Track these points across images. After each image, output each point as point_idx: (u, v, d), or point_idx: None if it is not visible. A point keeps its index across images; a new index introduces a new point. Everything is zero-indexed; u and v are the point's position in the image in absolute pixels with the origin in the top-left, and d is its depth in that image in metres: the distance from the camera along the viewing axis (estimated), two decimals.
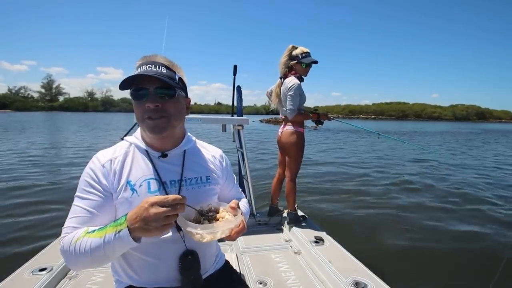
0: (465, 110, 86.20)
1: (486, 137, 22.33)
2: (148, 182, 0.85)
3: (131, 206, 0.80)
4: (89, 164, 0.85)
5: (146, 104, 0.79)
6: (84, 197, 0.80)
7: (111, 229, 0.70)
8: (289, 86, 2.29)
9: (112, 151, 0.88)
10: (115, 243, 0.69)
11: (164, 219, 0.66)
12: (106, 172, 0.83)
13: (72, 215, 0.79)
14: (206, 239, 0.75)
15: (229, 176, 1.06)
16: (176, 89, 0.83)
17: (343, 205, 4.38)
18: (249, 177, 2.45)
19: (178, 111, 0.86)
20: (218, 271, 1.02)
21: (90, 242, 0.71)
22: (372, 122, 53.84)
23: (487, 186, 5.83)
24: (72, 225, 0.78)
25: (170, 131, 0.85)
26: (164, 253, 0.86)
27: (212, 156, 1.02)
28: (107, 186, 0.82)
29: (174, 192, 0.86)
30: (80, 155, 8.41)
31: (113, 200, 0.82)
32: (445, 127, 40.22)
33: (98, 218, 0.80)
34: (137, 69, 0.81)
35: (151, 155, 0.89)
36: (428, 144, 15.02)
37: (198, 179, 0.93)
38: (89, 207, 0.79)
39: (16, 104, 74.57)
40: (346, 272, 1.66)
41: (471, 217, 4.01)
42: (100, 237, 0.70)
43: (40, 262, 1.67)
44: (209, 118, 2.33)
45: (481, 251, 3.01)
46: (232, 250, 2.04)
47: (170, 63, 0.86)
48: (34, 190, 4.71)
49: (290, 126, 2.38)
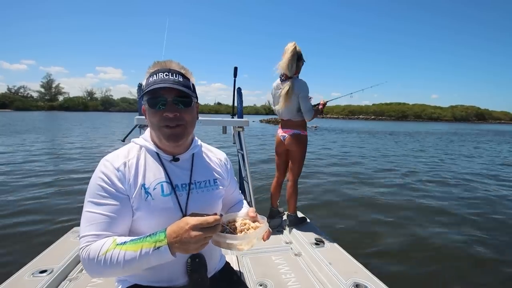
0: (464, 111, 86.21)
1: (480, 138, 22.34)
2: (161, 185, 0.85)
3: (146, 209, 0.82)
4: (99, 168, 0.83)
5: (165, 113, 0.80)
6: (100, 203, 0.78)
7: (149, 243, 0.70)
8: (302, 87, 2.23)
9: (124, 154, 0.87)
10: (152, 258, 0.70)
11: (204, 239, 0.69)
12: (121, 176, 0.82)
13: (90, 222, 0.77)
14: (245, 247, 0.78)
15: (232, 178, 1.09)
16: (192, 97, 0.84)
17: (343, 207, 4.38)
18: (250, 179, 2.45)
19: (193, 119, 0.88)
20: (219, 272, 1.03)
21: (123, 254, 0.71)
22: (372, 123, 53.83)
23: (487, 187, 5.85)
24: (93, 233, 0.76)
25: (186, 138, 0.87)
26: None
27: (218, 159, 1.04)
28: (123, 189, 0.81)
29: (185, 196, 0.88)
30: (83, 155, 8.40)
31: (130, 203, 0.82)
32: (444, 127, 40.26)
33: (118, 222, 0.79)
34: (152, 76, 0.81)
35: (162, 158, 0.89)
36: (423, 144, 15.04)
37: (207, 182, 0.95)
38: (108, 212, 0.78)
39: (16, 103, 74.41)
40: (346, 274, 1.66)
41: (471, 217, 4.02)
42: (135, 251, 0.70)
43: (41, 264, 1.67)
44: (209, 120, 2.33)
45: (481, 251, 3.01)
46: (232, 252, 2.04)
47: (184, 69, 0.87)
48: (34, 191, 4.70)
49: (297, 130, 2.32)
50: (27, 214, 3.68)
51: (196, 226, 0.67)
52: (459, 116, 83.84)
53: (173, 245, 0.69)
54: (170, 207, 0.85)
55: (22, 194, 4.52)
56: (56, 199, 4.29)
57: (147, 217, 0.81)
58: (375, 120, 74.23)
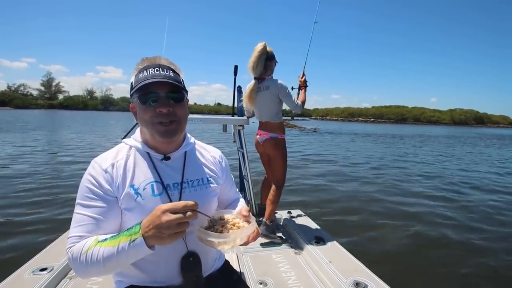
0: (463, 114, 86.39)
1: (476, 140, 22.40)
2: (151, 185, 0.84)
3: (137, 210, 0.80)
4: (88, 170, 0.82)
5: (158, 108, 0.79)
6: (87, 204, 0.78)
7: (125, 238, 0.70)
8: (280, 86, 2.15)
9: (113, 155, 0.86)
10: (130, 252, 0.69)
11: (176, 226, 0.66)
12: (109, 177, 0.81)
13: (77, 224, 0.77)
14: (226, 247, 0.77)
15: (228, 176, 1.06)
16: (184, 92, 0.84)
17: (343, 205, 4.39)
18: (250, 177, 2.45)
19: (185, 114, 0.87)
20: (218, 271, 1.02)
21: (103, 251, 0.70)
22: (371, 125, 53.94)
23: (487, 187, 5.87)
24: (79, 234, 0.76)
25: (180, 134, 0.86)
26: (166, 254, 0.85)
27: (212, 156, 1.02)
28: (111, 191, 0.80)
29: (177, 195, 0.87)
30: (84, 154, 8.39)
31: (118, 205, 0.81)
32: (443, 131, 40.37)
33: (105, 224, 0.78)
34: (141, 72, 0.80)
35: (152, 157, 0.88)
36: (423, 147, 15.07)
37: (200, 181, 0.93)
38: (94, 214, 0.78)
39: (16, 101, 74.11)
40: (346, 272, 1.66)
41: (471, 220, 4.03)
42: (113, 246, 0.70)
43: (41, 262, 1.66)
44: (210, 119, 2.34)
45: (482, 252, 3.02)
46: (232, 250, 2.04)
47: (173, 65, 0.86)
48: (34, 189, 4.70)
49: (274, 133, 2.24)
50: (28, 211, 3.68)
51: (167, 210, 0.66)
52: (458, 120, 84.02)
53: (147, 235, 0.67)
54: None
55: (22, 191, 4.52)
56: (57, 196, 4.29)
57: (138, 218, 0.78)
58: (374, 122, 74.37)
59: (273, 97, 2.19)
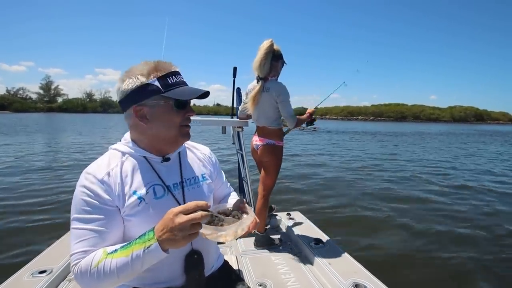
0: (463, 111, 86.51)
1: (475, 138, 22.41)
2: (153, 188, 0.84)
3: (141, 215, 0.80)
4: (81, 182, 0.79)
5: (188, 113, 0.86)
6: (87, 218, 0.75)
7: (139, 245, 0.69)
8: (281, 90, 2.01)
9: (106, 163, 0.83)
10: (145, 259, 0.69)
11: (190, 227, 0.67)
12: (107, 187, 0.79)
13: (79, 239, 0.74)
14: (229, 238, 0.78)
15: (219, 171, 1.10)
16: None
17: (343, 206, 4.38)
18: (249, 179, 2.45)
19: None
20: (218, 270, 1.03)
21: (115, 262, 0.69)
22: (371, 124, 53.94)
23: (486, 187, 5.86)
24: (83, 249, 0.73)
25: None
26: (171, 253, 0.84)
27: (202, 153, 1.05)
28: (110, 201, 0.78)
29: (179, 194, 0.88)
30: (84, 156, 8.39)
31: (120, 214, 0.80)
32: (443, 128, 40.37)
33: (108, 235, 0.77)
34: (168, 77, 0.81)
35: (150, 160, 0.88)
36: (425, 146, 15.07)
37: (196, 178, 0.95)
38: (96, 226, 0.75)
39: (15, 105, 74.24)
40: (346, 274, 1.66)
41: (471, 219, 4.02)
42: (126, 256, 0.69)
43: (40, 264, 1.66)
44: (209, 120, 2.34)
45: (481, 252, 3.01)
46: (232, 252, 2.04)
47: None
48: (34, 191, 4.69)
49: (271, 140, 2.10)
50: (27, 214, 3.67)
51: (179, 212, 0.67)
52: (457, 117, 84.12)
53: (162, 239, 0.67)
54: (165, 209, 0.80)
55: (22, 193, 4.52)
56: (56, 199, 4.28)
57: (143, 223, 0.78)
58: (374, 121, 74.41)
59: (272, 100, 2.04)
